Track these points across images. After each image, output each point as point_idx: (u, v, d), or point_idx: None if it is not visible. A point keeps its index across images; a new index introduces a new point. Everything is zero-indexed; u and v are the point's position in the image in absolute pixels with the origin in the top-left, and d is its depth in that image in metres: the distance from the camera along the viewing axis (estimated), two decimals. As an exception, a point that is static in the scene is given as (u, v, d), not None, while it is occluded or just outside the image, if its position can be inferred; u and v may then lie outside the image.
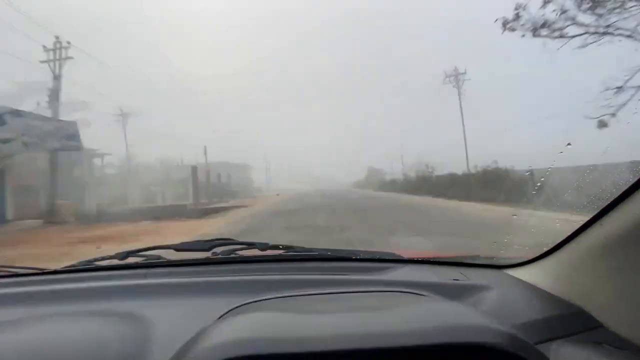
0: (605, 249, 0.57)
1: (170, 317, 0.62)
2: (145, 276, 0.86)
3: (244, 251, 0.99)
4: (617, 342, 0.52)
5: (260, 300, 0.64)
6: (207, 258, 0.96)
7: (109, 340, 0.55)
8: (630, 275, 0.53)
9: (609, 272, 0.58)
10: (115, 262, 0.97)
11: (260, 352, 0.41)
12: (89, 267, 0.98)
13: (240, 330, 0.48)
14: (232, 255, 0.97)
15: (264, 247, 0.98)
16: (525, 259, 0.79)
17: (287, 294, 0.67)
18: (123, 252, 0.99)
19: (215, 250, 0.99)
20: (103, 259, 1.02)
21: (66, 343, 0.57)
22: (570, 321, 0.58)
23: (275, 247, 0.99)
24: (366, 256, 0.97)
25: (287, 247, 1.00)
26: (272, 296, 0.66)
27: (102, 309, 0.69)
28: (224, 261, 0.96)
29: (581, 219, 0.62)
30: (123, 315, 0.64)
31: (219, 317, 0.57)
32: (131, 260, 0.97)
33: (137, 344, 0.54)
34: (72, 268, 0.99)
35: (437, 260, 0.95)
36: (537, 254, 0.75)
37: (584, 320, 0.58)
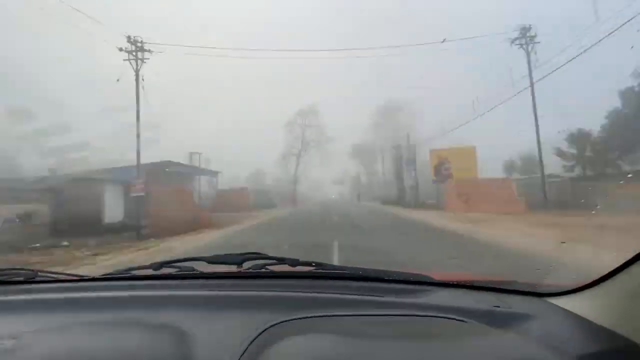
0: None
1: (206, 330, 0.63)
2: (178, 287, 0.88)
3: (274, 266, 0.99)
4: None
5: (294, 319, 0.64)
6: (239, 272, 0.97)
7: (154, 348, 0.57)
8: None
9: None
10: (150, 272, 1.00)
11: None
12: (125, 276, 1.00)
13: (284, 351, 0.49)
14: (263, 270, 0.98)
15: (295, 263, 0.98)
16: (570, 288, 0.74)
17: (319, 314, 0.66)
18: (157, 263, 1.01)
19: (246, 264, 0.99)
20: (139, 268, 1.05)
21: (109, 350, 0.58)
22: (620, 355, 0.55)
23: (306, 263, 0.99)
24: (398, 277, 0.94)
25: (317, 264, 1.00)
26: (305, 315, 0.66)
27: (138, 318, 0.71)
28: (255, 275, 0.97)
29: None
30: (160, 325, 0.65)
31: (256, 336, 0.58)
32: (165, 271, 0.99)
33: (181, 354, 0.55)
34: (110, 276, 1.03)
35: (473, 284, 0.91)
36: (583, 283, 0.70)
37: (635, 355, 0.55)
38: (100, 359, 0.56)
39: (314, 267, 0.98)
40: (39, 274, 0.99)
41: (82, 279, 1.01)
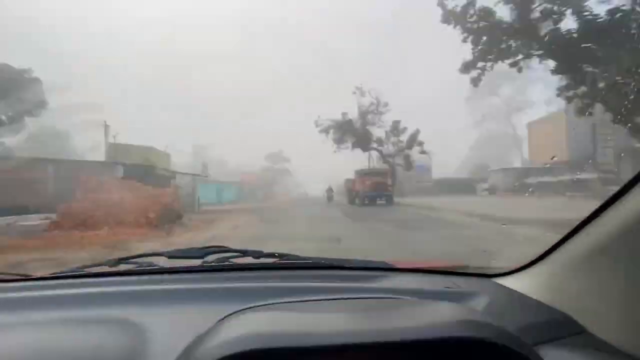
0: (590, 257, 0.60)
1: (166, 324, 0.62)
2: (135, 283, 0.85)
3: (237, 259, 0.99)
4: (600, 346, 0.54)
5: (255, 307, 0.64)
6: (201, 265, 0.96)
7: (106, 346, 0.55)
8: (613, 282, 0.56)
9: (592, 279, 0.60)
10: (106, 269, 0.96)
11: (262, 347, 0.43)
12: (78, 274, 0.96)
13: (241, 330, 0.50)
14: (226, 263, 0.97)
15: (258, 255, 0.98)
16: (513, 268, 0.81)
17: (281, 301, 0.68)
18: (114, 259, 0.97)
19: (208, 257, 0.98)
20: (93, 265, 1.01)
21: (62, 349, 0.56)
22: (556, 327, 0.60)
23: (269, 255, 0.99)
24: (359, 265, 0.97)
25: (281, 255, 1.00)
26: (264, 303, 0.67)
27: (93, 316, 0.68)
28: (217, 269, 0.95)
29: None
30: (117, 321, 0.63)
31: (213, 325, 0.57)
32: (122, 267, 0.96)
33: (135, 350, 0.54)
34: (60, 275, 0.97)
35: (427, 269, 0.96)
36: (524, 263, 0.77)
37: (569, 326, 0.60)
38: (46, 356, 0.54)
39: (277, 258, 0.99)
40: None
41: (28, 278, 0.96)
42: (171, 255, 1.00)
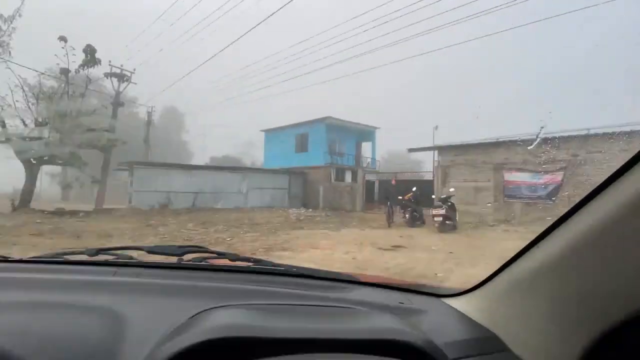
0: (521, 282, 0.67)
1: (141, 314, 0.65)
2: (114, 274, 0.86)
3: (214, 260, 1.02)
4: None
5: (227, 306, 0.69)
6: (178, 263, 0.98)
7: (86, 329, 0.58)
8: (536, 307, 0.63)
9: (521, 303, 0.68)
10: (85, 257, 0.97)
11: (227, 336, 0.52)
12: (56, 260, 0.97)
13: (212, 323, 0.58)
14: (202, 263, 1.00)
15: (234, 258, 1.04)
16: (462, 290, 0.89)
17: (251, 302, 0.73)
18: (93, 249, 0.99)
19: (186, 256, 1.01)
20: (73, 253, 1.01)
21: (42, 329, 0.57)
22: (483, 344, 0.68)
23: (245, 259, 1.04)
24: (326, 275, 1.03)
25: (256, 260, 1.05)
26: (238, 303, 0.71)
27: (71, 301, 0.69)
28: (193, 267, 0.98)
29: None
30: (94, 308, 0.65)
31: (191, 317, 0.63)
32: (101, 257, 0.98)
33: (113, 335, 0.57)
34: (39, 259, 0.99)
35: (387, 284, 1.02)
36: (472, 285, 0.85)
37: (495, 344, 0.68)
38: (18, 333, 0.55)
39: (252, 263, 1.03)
40: None
41: (6, 260, 0.97)
42: (150, 251, 1.02)
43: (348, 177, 21.32)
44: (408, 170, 17.57)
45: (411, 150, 16.63)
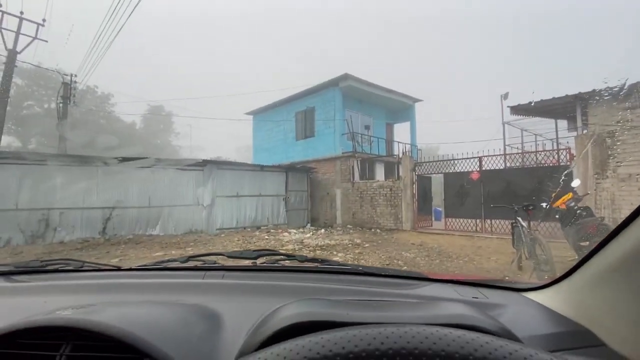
0: (610, 273, 0.62)
1: (230, 309, 0.74)
2: (203, 277, 1.00)
3: (285, 261, 1.18)
4: (614, 358, 0.58)
5: (306, 299, 0.72)
6: (255, 265, 1.13)
7: (189, 321, 0.67)
8: (630, 298, 0.58)
9: (612, 295, 0.62)
10: (178, 264, 1.16)
11: (318, 319, 0.56)
12: (158, 267, 1.13)
13: (294, 311, 0.62)
14: (276, 265, 1.14)
15: (303, 259, 1.18)
16: (542, 284, 0.85)
17: (328, 298, 0.76)
18: (185, 257, 1.20)
19: (261, 259, 1.15)
20: (169, 261, 1.20)
21: (156, 321, 0.65)
22: (575, 338, 0.64)
23: (313, 260, 1.18)
24: (394, 273, 1.07)
25: (323, 261, 1.17)
26: (315, 298, 0.78)
27: (172, 300, 0.81)
28: (268, 269, 1.09)
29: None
30: (191, 305, 0.75)
31: (274, 310, 0.67)
32: (191, 263, 1.16)
33: (212, 326, 0.66)
34: (143, 267, 1.15)
35: (460, 280, 1.00)
36: (553, 279, 0.81)
37: (588, 339, 0.63)
38: (143, 324, 0.62)
39: (320, 263, 1.15)
40: (85, 264, 1.15)
41: (120, 268, 1.13)
42: (230, 255, 1.17)
43: (380, 172, 13.61)
44: (496, 154, 9.45)
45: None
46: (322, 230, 10.42)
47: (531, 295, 0.85)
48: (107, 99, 31.61)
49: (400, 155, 11.20)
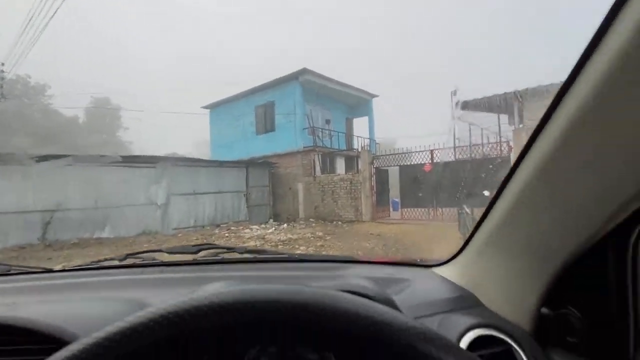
0: (484, 246, 0.74)
1: (166, 301, 0.64)
2: (141, 273, 1.00)
3: (225, 254, 1.15)
4: (488, 314, 0.68)
5: (226, 281, 0.74)
6: (194, 260, 1.11)
7: (125, 314, 0.59)
8: (497, 266, 0.70)
9: (487, 264, 0.74)
10: (116, 262, 1.12)
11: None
12: (93, 267, 1.10)
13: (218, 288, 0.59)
14: (216, 257, 1.12)
15: (242, 251, 1.16)
16: (446, 259, 0.94)
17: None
18: (122, 255, 1.15)
19: (201, 253, 1.14)
20: (106, 260, 1.16)
21: (88, 315, 0.67)
22: (460, 302, 0.74)
23: (253, 251, 1.16)
24: (324, 258, 1.26)
25: (262, 251, 1.18)
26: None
27: (106, 296, 0.80)
28: (208, 262, 1.10)
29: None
30: (126, 300, 0.75)
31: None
32: (130, 261, 1.11)
33: None
34: (78, 267, 1.11)
35: (383, 261, 1.10)
36: (453, 254, 0.90)
37: (470, 301, 0.74)
38: (74, 318, 0.63)
39: (258, 254, 1.15)
40: (13, 267, 1.10)
41: (52, 270, 1.09)
42: (170, 251, 1.14)
43: (341, 166, 13.87)
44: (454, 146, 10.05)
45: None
46: (285, 225, 10.41)
47: (437, 270, 0.94)
48: (43, 90, 28.52)
49: (360, 149, 11.50)
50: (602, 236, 0.50)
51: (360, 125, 16.68)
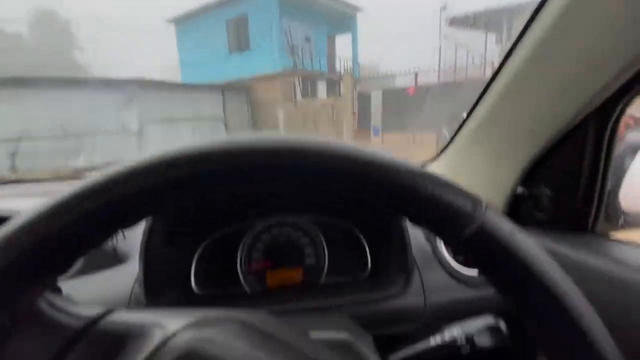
0: (463, 145, 0.77)
1: None
2: None
3: None
4: None
5: None
6: None
7: None
8: (481, 152, 0.71)
9: (463, 162, 0.78)
10: None
11: None
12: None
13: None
14: None
15: None
16: (427, 161, 0.98)
17: None
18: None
19: None
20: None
21: None
22: None
23: None
24: None
25: None
26: None
27: None
28: None
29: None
30: None
31: None
32: None
33: None
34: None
35: None
36: (438, 153, 0.94)
37: None
38: None
39: None
40: None
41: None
42: None
43: (322, 90, 13.33)
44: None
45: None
46: (266, 151, 10.40)
47: (428, 167, 0.99)
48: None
49: (342, 72, 10.93)
50: (583, 117, 0.51)
51: (343, 45, 15.55)
